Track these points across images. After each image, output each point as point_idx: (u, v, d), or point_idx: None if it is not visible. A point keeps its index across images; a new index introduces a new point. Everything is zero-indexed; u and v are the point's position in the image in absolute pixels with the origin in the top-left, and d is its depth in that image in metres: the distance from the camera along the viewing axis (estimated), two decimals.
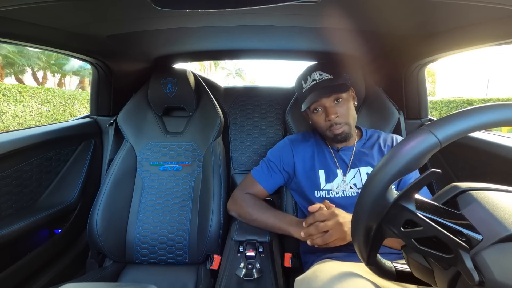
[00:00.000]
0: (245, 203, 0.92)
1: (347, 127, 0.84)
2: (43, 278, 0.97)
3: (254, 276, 0.73)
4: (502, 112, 0.34)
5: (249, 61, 41.67)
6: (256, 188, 0.94)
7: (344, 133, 0.84)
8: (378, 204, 0.38)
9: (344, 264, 0.68)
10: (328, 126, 0.84)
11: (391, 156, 0.37)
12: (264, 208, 0.90)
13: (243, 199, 0.93)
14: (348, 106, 0.85)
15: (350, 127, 0.85)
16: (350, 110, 0.85)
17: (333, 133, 0.84)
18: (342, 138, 0.85)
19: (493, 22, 0.63)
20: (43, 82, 13.91)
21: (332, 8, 0.65)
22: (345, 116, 0.83)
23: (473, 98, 11.72)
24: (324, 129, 0.86)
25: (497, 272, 0.29)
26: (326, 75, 0.84)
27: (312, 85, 0.84)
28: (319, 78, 0.84)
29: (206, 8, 0.55)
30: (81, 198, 1.10)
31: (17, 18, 0.65)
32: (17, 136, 0.88)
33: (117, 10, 0.67)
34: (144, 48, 1.07)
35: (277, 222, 0.85)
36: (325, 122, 0.84)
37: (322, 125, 0.86)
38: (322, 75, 0.84)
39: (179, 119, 1.18)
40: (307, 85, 0.86)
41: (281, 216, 0.87)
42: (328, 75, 0.83)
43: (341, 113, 0.83)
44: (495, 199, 0.34)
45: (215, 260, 0.95)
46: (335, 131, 0.83)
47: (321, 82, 0.83)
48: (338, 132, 0.83)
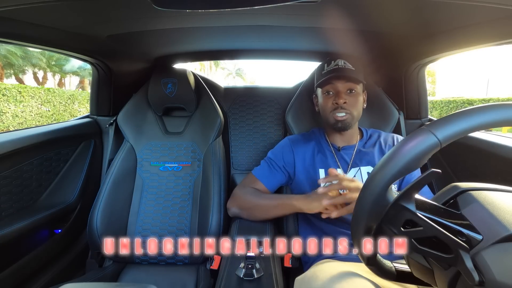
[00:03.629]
0: (245, 195, 0.91)
1: (350, 116, 0.86)
2: (43, 278, 0.97)
3: (254, 276, 0.73)
4: (502, 112, 0.34)
5: (249, 61, 41.74)
6: (257, 186, 0.93)
7: (345, 121, 0.85)
8: (378, 204, 0.38)
9: (344, 264, 0.68)
10: (333, 108, 0.86)
11: (391, 156, 0.37)
12: (263, 194, 0.90)
13: (243, 192, 0.92)
14: (358, 99, 0.87)
15: (353, 118, 0.87)
16: (358, 103, 0.88)
17: (335, 117, 0.86)
18: (342, 126, 0.86)
19: (493, 22, 0.63)
20: (43, 82, 13.92)
21: (332, 8, 0.65)
22: (352, 105, 0.86)
23: (473, 98, 11.72)
24: (328, 111, 0.88)
25: (497, 272, 0.29)
26: (349, 66, 0.87)
27: (335, 68, 0.87)
28: (342, 65, 0.87)
29: (206, 8, 0.55)
30: (81, 198, 1.10)
31: (17, 18, 0.65)
32: (17, 136, 0.88)
33: (117, 10, 0.67)
34: (144, 48, 1.07)
35: (278, 199, 0.85)
36: (332, 105, 0.87)
37: (328, 107, 0.88)
38: (346, 64, 0.87)
39: (179, 119, 1.18)
40: (329, 68, 0.89)
41: (282, 195, 0.89)
42: (351, 67, 0.87)
43: (349, 102, 0.86)
44: (495, 199, 0.34)
45: (215, 260, 0.95)
46: (338, 116, 0.85)
47: (343, 69, 0.86)
48: (340, 117, 0.85)
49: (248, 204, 0.89)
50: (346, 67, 0.87)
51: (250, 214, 0.90)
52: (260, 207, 0.88)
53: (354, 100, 0.87)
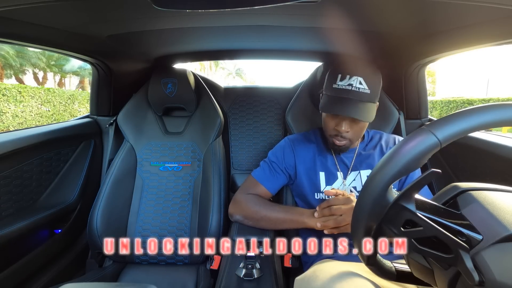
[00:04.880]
0: (250, 203, 0.88)
1: (349, 143, 0.83)
2: (43, 278, 0.97)
3: (254, 276, 0.73)
4: (502, 112, 0.34)
5: (249, 61, 41.71)
6: (259, 189, 0.91)
7: (343, 147, 0.84)
8: (378, 204, 0.38)
9: (344, 264, 0.68)
10: (334, 134, 0.83)
11: (391, 156, 0.37)
12: (271, 205, 0.87)
13: (247, 199, 0.89)
14: (363, 126, 0.81)
15: (352, 143, 0.84)
16: (362, 131, 0.83)
17: (333, 142, 0.83)
18: (339, 150, 0.85)
19: (493, 22, 0.63)
20: (43, 82, 13.92)
21: (332, 8, 0.65)
22: (354, 135, 0.82)
23: (473, 98, 11.71)
24: (328, 132, 0.85)
25: (497, 272, 0.29)
26: (365, 88, 0.74)
27: (347, 90, 0.74)
28: (356, 88, 0.74)
29: (206, 8, 0.55)
30: (81, 198, 1.10)
31: (17, 18, 0.65)
32: (17, 136, 0.88)
33: (117, 10, 0.67)
34: (144, 48, 1.07)
35: (289, 214, 0.83)
36: (333, 129, 0.82)
37: (329, 129, 0.84)
38: (362, 85, 0.74)
39: (179, 119, 1.18)
40: (342, 84, 0.75)
41: (292, 209, 0.86)
42: (367, 89, 0.74)
43: (352, 131, 0.80)
44: (495, 199, 0.34)
45: (215, 260, 0.95)
46: (337, 142, 0.83)
47: (357, 93, 0.74)
48: (338, 144, 0.83)
49: (255, 215, 0.86)
50: (361, 91, 0.74)
51: (256, 224, 0.88)
52: (268, 219, 0.85)
53: (359, 129, 0.80)
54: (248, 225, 0.89)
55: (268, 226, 0.87)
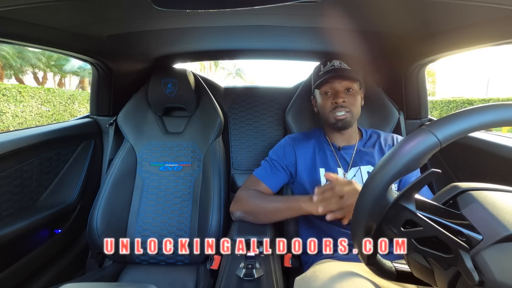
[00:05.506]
0: (250, 198, 0.88)
1: (350, 115, 0.87)
2: (43, 278, 0.97)
3: (254, 276, 0.73)
4: (502, 112, 0.34)
5: (249, 61, 41.73)
6: (261, 187, 0.92)
7: (345, 120, 0.86)
8: (378, 204, 0.38)
9: (344, 264, 0.68)
10: (333, 108, 0.87)
11: (391, 156, 0.37)
12: (268, 197, 0.88)
13: (248, 195, 0.90)
14: (356, 97, 0.89)
15: (353, 116, 0.88)
16: (356, 102, 0.89)
17: (335, 117, 0.86)
18: (342, 125, 0.87)
19: (493, 22, 0.63)
20: (43, 82, 13.92)
21: (332, 8, 0.65)
22: (351, 104, 0.87)
23: (473, 98, 11.72)
24: (328, 111, 0.88)
25: (497, 272, 0.29)
26: (345, 66, 0.88)
27: (331, 69, 0.89)
28: (338, 65, 0.89)
29: (206, 8, 0.55)
30: (81, 198, 1.10)
31: (17, 18, 0.65)
32: (17, 136, 0.88)
33: (117, 10, 0.67)
34: (144, 48, 1.07)
35: (285, 203, 0.83)
36: (331, 104, 0.88)
37: (327, 107, 0.89)
38: (341, 64, 0.89)
39: (179, 119, 1.18)
40: (325, 69, 0.90)
41: (288, 197, 0.89)
42: (347, 66, 0.88)
43: (348, 100, 0.87)
44: (495, 199, 0.34)
45: (215, 260, 0.95)
46: (338, 115, 0.86)
47: (339, 69, 0.88)
48: (340, 116, 0.86)
49: (254, 208, 0.86)
50: (342, 67, 0.88)
51: (255, 219, 0.87)
52: (266, 211, 0.85)
53: (353, 99, 0.88)
54: (248, 221, 0.89)
55: (268, 219, 0.86)
